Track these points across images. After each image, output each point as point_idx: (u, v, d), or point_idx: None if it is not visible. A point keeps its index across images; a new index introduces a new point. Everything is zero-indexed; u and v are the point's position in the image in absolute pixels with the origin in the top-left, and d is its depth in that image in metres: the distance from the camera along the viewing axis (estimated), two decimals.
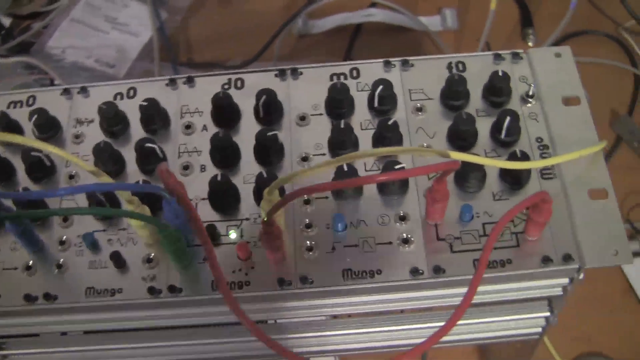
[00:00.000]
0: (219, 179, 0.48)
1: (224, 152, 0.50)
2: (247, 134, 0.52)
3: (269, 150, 0.50)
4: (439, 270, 0.46)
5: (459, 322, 0.38)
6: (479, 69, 0.54)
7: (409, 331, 0.55)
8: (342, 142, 0.50)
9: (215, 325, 0.52)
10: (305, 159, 0.51)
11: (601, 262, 0.46)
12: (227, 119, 0.53)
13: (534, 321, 0.55)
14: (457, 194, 0.49)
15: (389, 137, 0.50)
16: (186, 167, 0.51)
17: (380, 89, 0.52)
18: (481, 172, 0.48)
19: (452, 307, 0.38)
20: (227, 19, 1.03)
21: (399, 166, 0.47)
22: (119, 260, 0.47)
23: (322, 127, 0.52)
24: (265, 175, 0.48)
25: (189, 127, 0.53)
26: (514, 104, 0.52)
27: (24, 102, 0.55)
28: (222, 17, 1.04)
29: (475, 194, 0.49)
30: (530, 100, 0.52)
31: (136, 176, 0.51)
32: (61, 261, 0.48)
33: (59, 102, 0.55)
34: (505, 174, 0.49)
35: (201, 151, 0.52)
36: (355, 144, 0.51)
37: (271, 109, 0.52)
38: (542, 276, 0.47)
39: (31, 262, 0.48)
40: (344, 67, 0.55)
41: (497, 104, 0.52)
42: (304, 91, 0.54)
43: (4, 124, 0.53)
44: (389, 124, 0.50)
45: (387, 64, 0.55)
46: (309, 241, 0.47)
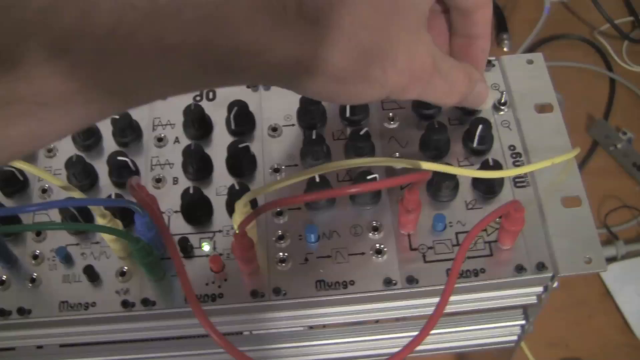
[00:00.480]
0: (191, 191, 0.48)
1: (196, 164, 0.50)
2: (219, 145, 0.52)
3: (241, 162, 0.50)
4: (412, 280, 0.46)
5: (434, 331, 0.38)
6: None
7: (384, 341, 0.55)
8: (314, 152, 0.50)
9: (189, 337, 0.52)
10: (277, 171, 0.51)
11: (575, 270, 0.46)
12: (199, 131, 0.52)
13: (509, 329, 0.55)
14: (430, 203, 0.49)
15: (361, 147, 0.50)
16: (159, 179, 0.51)
17: None
18: (453, 181, 0.48)
19: (426, 317, 0.38)
20: None
21: (370, 177, 0.47)
22: (92, 273, 0.47)
23: (294, 138, 0.52)
24: (237, 187, 0.48)
25: (161, 139, 0.53)
26: (487, 112, 0.52)
27: None
28: None
29: (448, 203, 0.49)
30: (502, 108, 0.52)
31: (109, 189, 0.50)
32: (34, 275, 0.47)
33: None
34: (478, 183, 0.49)
35: (173, 164, 0.52)
36: (327, 155, 0.51)
37: (243, 120, 0.52)
38: (516, 285, 0.47)
39: (4, 277, 0.47)
40: None
41: (469, 112, 0.52)
42: (276, 102, 0.54)
43: None
44: (361, 134, 0.50)
45: None
46: (282, 253, 0.47)
